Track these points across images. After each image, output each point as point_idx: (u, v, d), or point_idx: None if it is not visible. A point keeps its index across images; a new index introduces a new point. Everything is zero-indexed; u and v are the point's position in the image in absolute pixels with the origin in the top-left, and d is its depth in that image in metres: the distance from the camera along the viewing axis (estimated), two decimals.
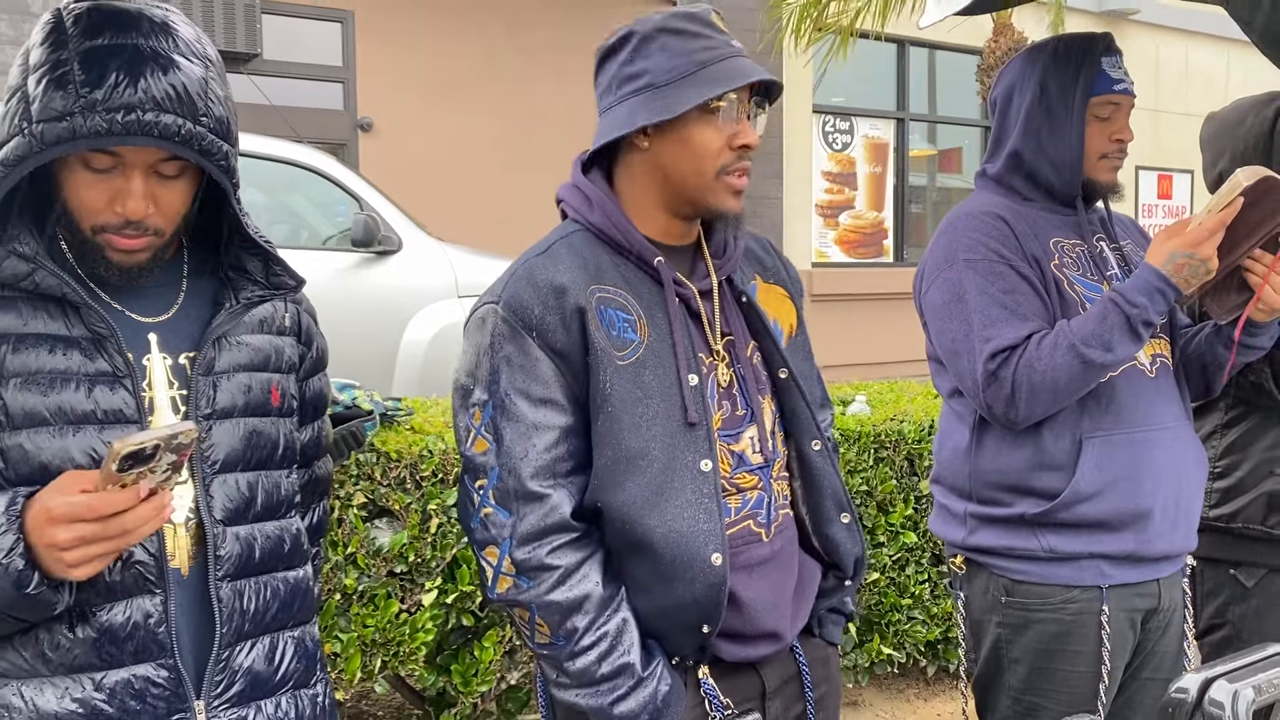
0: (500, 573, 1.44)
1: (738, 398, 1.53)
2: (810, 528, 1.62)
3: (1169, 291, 1.74)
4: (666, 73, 1.43)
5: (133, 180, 1.22)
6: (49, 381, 1.21)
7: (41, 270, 1.21)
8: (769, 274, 1.67)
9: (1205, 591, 2.28)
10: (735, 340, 1.55)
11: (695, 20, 1.47)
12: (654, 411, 1.43)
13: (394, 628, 2.67)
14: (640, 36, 1.46)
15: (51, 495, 1.12)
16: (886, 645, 3.54)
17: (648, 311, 1.47)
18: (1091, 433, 1.83)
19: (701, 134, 1.45)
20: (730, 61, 1.45)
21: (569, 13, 8.82)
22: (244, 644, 1.30)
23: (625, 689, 1.42)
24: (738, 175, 1.48)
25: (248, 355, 1.36)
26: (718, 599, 1.43)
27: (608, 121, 1.49)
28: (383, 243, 5.25)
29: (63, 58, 1.17)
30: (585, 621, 1.42)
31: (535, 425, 1.42)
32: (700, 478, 1.45)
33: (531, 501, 1.42)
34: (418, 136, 8.16)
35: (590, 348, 1.42)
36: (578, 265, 1.46)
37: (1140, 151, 11.86)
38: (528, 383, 1.42)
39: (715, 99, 1.42)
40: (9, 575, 1.11)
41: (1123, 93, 1.91)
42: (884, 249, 11.00)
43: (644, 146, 1.48)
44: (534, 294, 1.43)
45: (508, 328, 1.43)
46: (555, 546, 1.42)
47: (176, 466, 1.13)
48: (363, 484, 2.66)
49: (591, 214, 1.51)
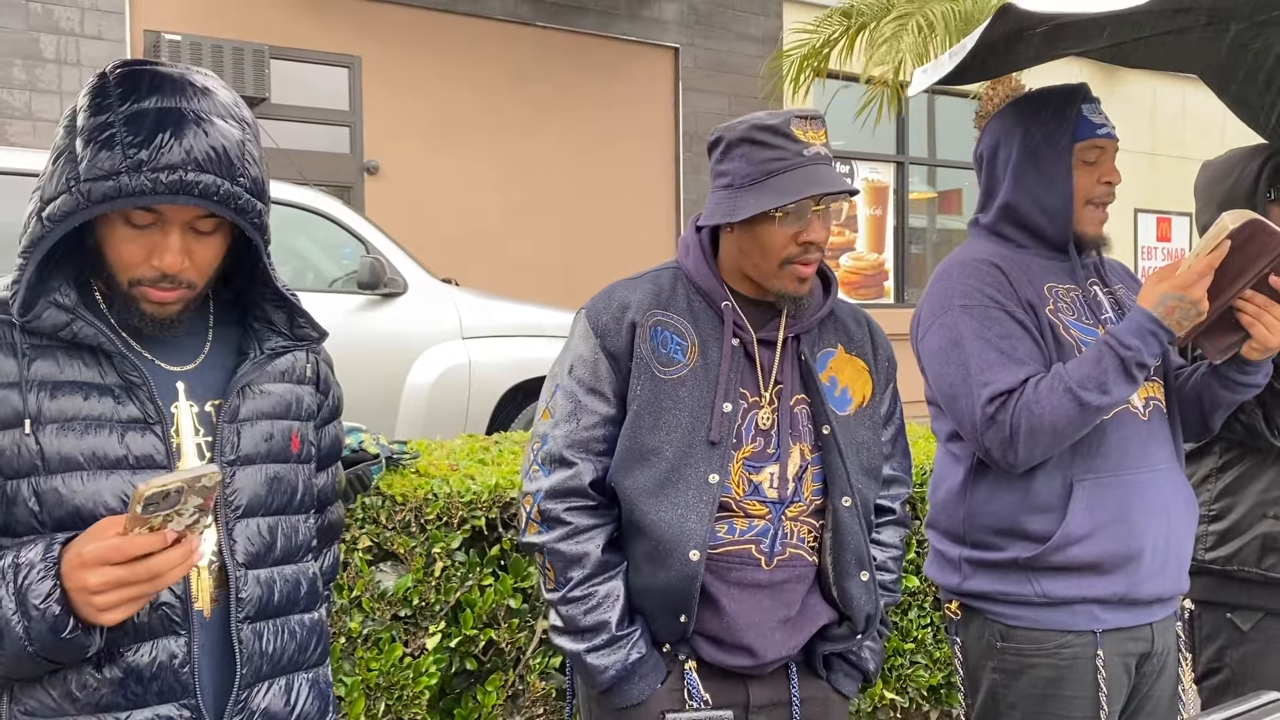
0: (529, 518, 1.74)
1: (773, 437, 1.74)
2: (831, 578, 1.75)
3: (1162, 334, 1.78)
4: (742, 178, 1.68)
5: (170, 236, 1.27)
6: (83, 427, 1.25)
7: (79, 320, 1.26)
8: (853, 347, 1.85)
9: (1203, 635, 2.29)
10: (784, 389, 1.76)
11: (772, 132, 1.67)
12: (678, 422, 1.69)
13: (398, 671, 2.68)
14: (727, 142, 1.72)
15: (85, 541, 1.15)
16: (889, 690, 3.53)
17: (703, 341, 1.74)
18: (1082, 475, 1.86)
19: (766, 233, 1.68)
20: (795, 173, 1.65)
21: (571, 62, 8.96)
22: (262, 684, 1.34)
23: (599, 642, 1.68)
24: (802, 265, 1.70)
25: (270, 404, 1.40)
26: (689, 590, 1.66)
27: (708, 204, 1.76)
28: (388, 285, 5.30)
29: (109, 120, 1.22)
30: (580, 575, 1.70)
31: (584, 408, 1.73)
32: (704, 487, 1.68)
33: (564, 465, 1.72)
34: (423, 180, 8.26)
35: (634, 356, 1.71)
36: (651, 293, 1.76)
37: (1138, 194, 11.97)
38: (587, 374, 1.74)
39: (775, 210, 1.64)
40: (45, 620, 1.14)
41: (1106, 136, 1.96)
42: (885, 290, 11.07)
43: (729, 231, 1.75)
44: (607, 306, 1.76)
45: (584, 329, 1.76)
46: (572, 506, 1.71)
47: (203, 510, 1.16)
48: (368, 527, 2.68)
49: (686, 259, 1.81)
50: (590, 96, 9.06)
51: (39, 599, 1.14)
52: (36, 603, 1.14)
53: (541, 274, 8.34)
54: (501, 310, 5.74)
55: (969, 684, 2.01)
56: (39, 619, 1.14)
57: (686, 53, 9.56)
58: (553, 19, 8.86)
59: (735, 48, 9.79)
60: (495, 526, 2.77)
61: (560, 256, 8.57)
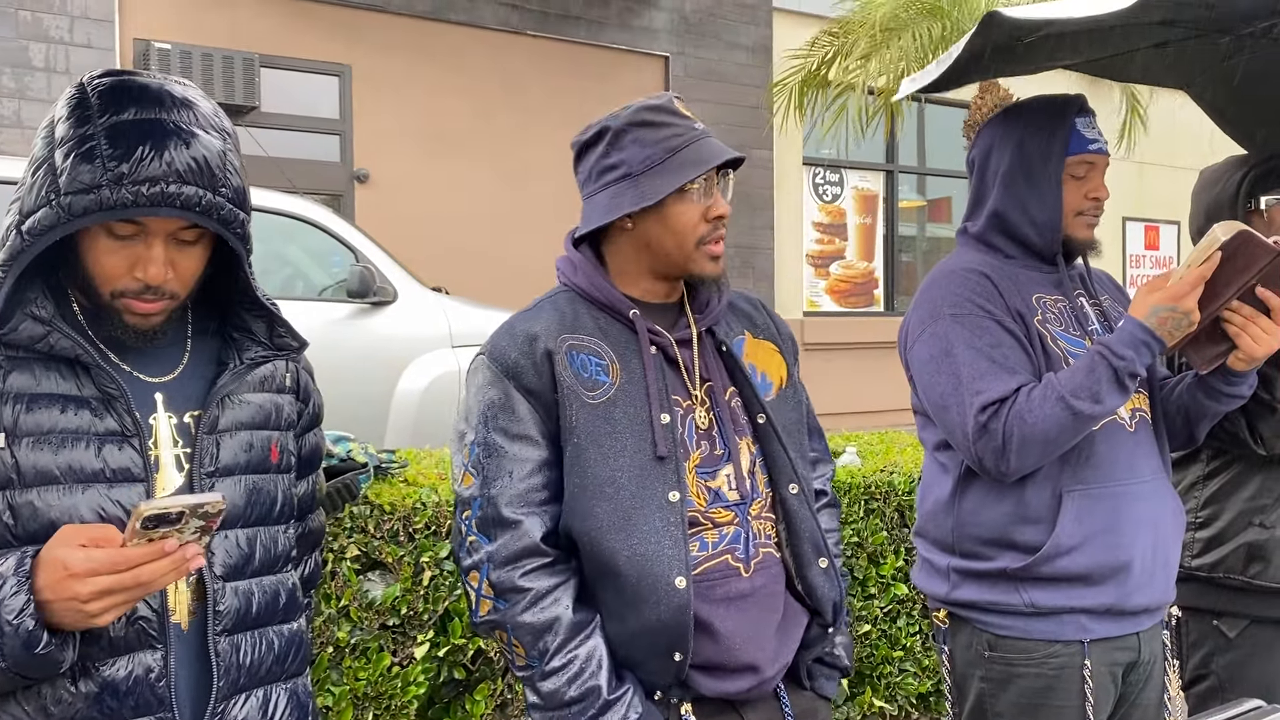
0: (481, 595, 1.57)
1: (716, 438, 1.65)
2: (793, 571, 1.69)
3: (1154, 344, 1.78)
4: (642, 162, 1.59)
5: (154, 247, 1.27)
6: (60, 440, 1.24)
7: (56, 333, 1.25)
8: (759, 330, 1.79)
9: (1190, 642, 2.30)
10: (714, 386, 1.67)
11: (661, 111, 1.62)
12: (622, 445, 1.57)
13: (386, 681, 2.68)
14: (614, 131, 1.63)
15: (61, 550, 1.14)
16: (878, 698, 3.53)
17: (621, 357, 1.62)
18: (1071, 486, 1.86)
19: (679, 213, 1.61)
20: (698, 145, 1.60)
21: (562, 71, 8.97)
22: (239, 696, 1.33)
23: (592, 712, 1.52)
24: (714, 243, 1.64)
25: (249, 414, 1.40)
26: (684, 621, 1.53)
27: (591, 208, 1.66)
28: (378, 294, 5.29)
29: (89, 132, 1.21)
30: (556, 643, 1.53)
31: (513, 458, 1.57)
32: (668, 507, 1.56)
33: (506, 527, 1.56)
34: (413, 188, 8.25)
35: (558, 386, 1.57)
36: (555, 319, 1.63)
37: (1127, 203, 12.02)
38: (507, 421, 1.58)
39: (689, 183, 1.58)
40: (19, 636, 1.13)
41: (1097, 152, 1.97)
42: (874, 298, 11.09)
43: (628, 227, 1.64)
44: (512, 342, 1.61)
45: (491, 374, 1.60)
46: (527, 570, 1.55)
47: (205, 531, 1.16)
48: (356, 536, 2.67)
49: (575, 277, 1.69)
50: (581, 105, 9.06)
51: (12, 614, 1.13)
52: (10, 618, 1.13)
53: (532, 282, 8.29)
54: (492, 318, 5.73)
55: (956, 693, 2.01)
56: (12, 634, 1.13)
57: (677, 61, 9.58)
58: (543, 28, 8.87)
59: (726, 57, 9.82)
60: None
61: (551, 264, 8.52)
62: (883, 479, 3.53)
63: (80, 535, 1.15)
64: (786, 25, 9.95)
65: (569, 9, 8.94)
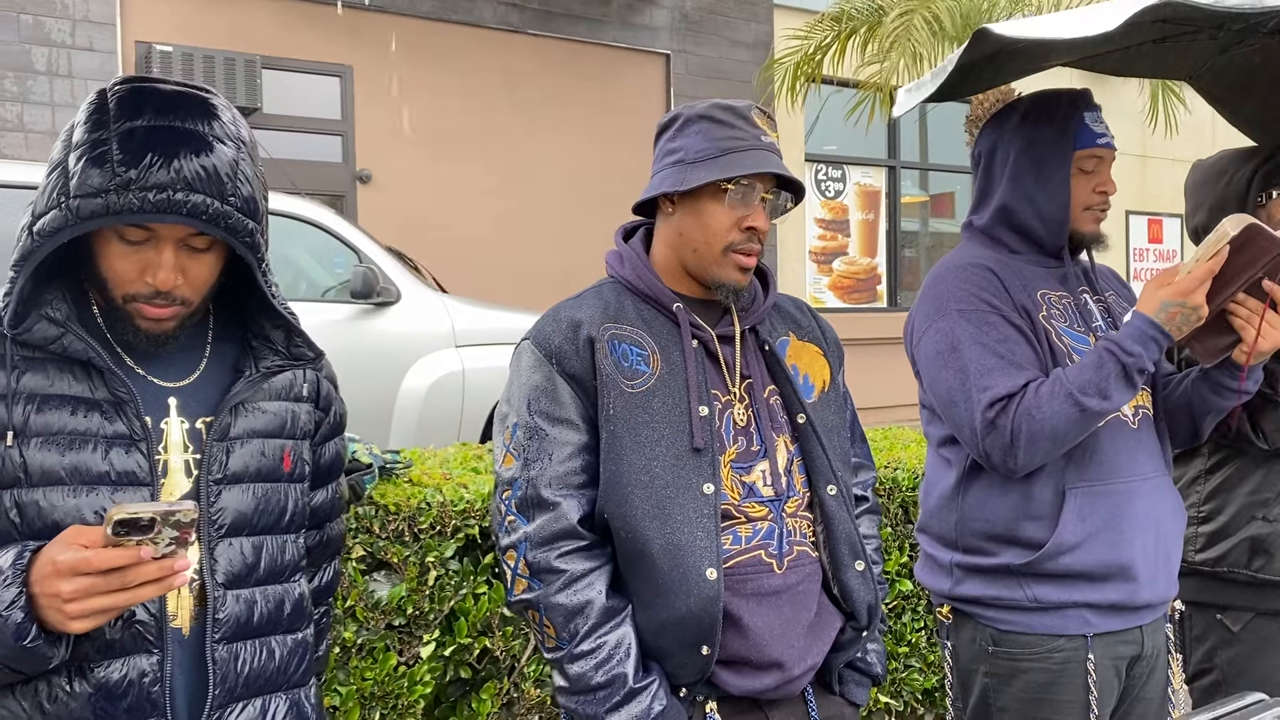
0: (517, 574, 1.60)
1: (753, 434, 1.66)
2: (830, 573, 1.70)
3: (1162, 339, 1.78)
4: (697, 153, 1.63)
5: (164, 253, 1.28)
6: (68, 442, 1.25)
7: (70, 335, 1.27)
8: (804, 333, 1.81)
9: (1193, 636, 2.30)
10: (754, 383, 1.70)
11: (732, 112, 1.65)
12: (659, 435, 1.59)
13: (392, 680, 2.68)
14: (685, 119, 1.67)
15: (56, 547, 1.16)
16: (884, 694, 3.54)
17: (663, 349, 1.65)
18: (1075, 483, 1.86)
19: (712, 211, 1.63)
20: (752, 153, 1.62)
21: (563, 69, 8.98)
22: (235, 705, 1.33)
23: (617, 699, 1.53)
24: (746, 254, 1.65)
25: (264, 421, 1.40)
26: (713, 613, 1.54)
27: (650, 184, 1.71)
28: (381, 294, 5.30)
29: (103, 137, 1.23)
30: (587, 627, 1.55)
31: (553, 440, 1.60)
32: (702, 499, 1.58)
33: (545, 508, 1.58)
34: (415, 188, 8.26)
35: (598, 373, 1.60)
36: (599, 307, 1.66)
37: (1130, 196, 12.01)
38: (549, 404, 1.61)
39: (726, 181, 1.60)
40: (8, 627, 1.14)
41: (1105, 146, 1.96)
42: (878, 294, 11.08)
43: (669, 212, 1.69)
44: (556, 328, 1.64)
45: (535, 358, 1.64)
46: (564, 552, 1.57)
47: (181, 542, 1.15)
48: (361, 537, 2.68)
49: (622, 268, 1.73)
50: (582, 104, 9.08)
51: (2, 606, 1.14)
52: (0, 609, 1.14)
53: (535, 281, 8.35)
54: (495, 318, 5.75)
55: (960, 688, 2.01)
56: (1, 625, 1.14)
57: (678, 59, 9.58)
58: (544, 26, 8.87)
59: (726, 54, 9.82)
60: (489, 535, 2.77)
61: (554, 263, 8.57)
62: (887, 475, 3.53)
63: (82, 536, 1.16)
64: (787, 22, 9.94)
65: (570, 8, 8.95)
